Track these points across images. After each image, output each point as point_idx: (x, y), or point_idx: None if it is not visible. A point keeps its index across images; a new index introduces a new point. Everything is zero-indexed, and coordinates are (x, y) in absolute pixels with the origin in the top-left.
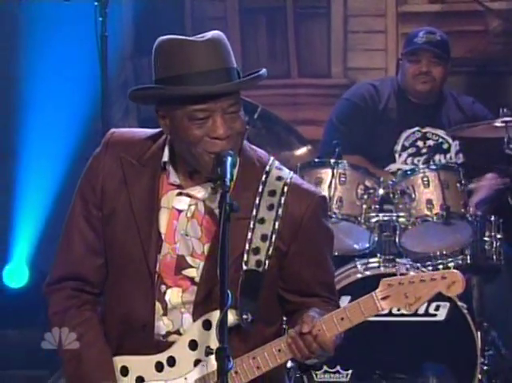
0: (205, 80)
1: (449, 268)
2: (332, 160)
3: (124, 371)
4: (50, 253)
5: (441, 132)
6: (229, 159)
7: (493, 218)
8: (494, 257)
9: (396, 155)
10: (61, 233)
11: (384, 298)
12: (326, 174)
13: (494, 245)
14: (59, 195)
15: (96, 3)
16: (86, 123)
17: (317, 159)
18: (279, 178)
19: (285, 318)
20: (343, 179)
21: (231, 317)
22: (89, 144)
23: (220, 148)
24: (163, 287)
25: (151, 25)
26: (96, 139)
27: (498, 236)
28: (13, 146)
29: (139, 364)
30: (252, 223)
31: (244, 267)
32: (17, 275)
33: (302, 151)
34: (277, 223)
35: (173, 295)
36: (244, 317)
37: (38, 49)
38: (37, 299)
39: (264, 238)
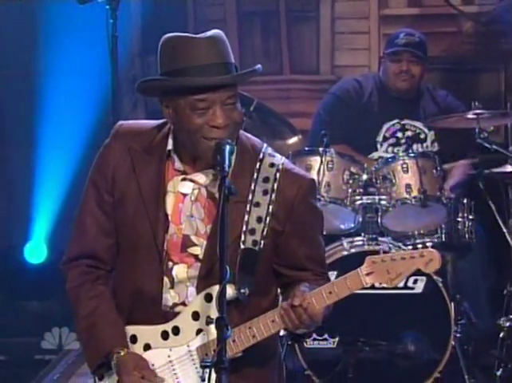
0: (205, 73)
1: (426, 246)
2: (321, 149)
3: (133, 339)
4: (66, 232)
5: (418, 124)
6: (227, 147)
7: (465, 200)
8: (467, 236)
9: (378, 145)
10: (75, 216)
11: (368, 274)
12: (315, 161)
13: (467, 225)
14: (74, 180)
15: (107, 6)
16: (98, 115)
17: (307, 148)
18: (272, 165)
19: (279, 291)
20: (330, 165)
21: (230, 291)
22: (101, 134)
23: (218, 136)
24: (170, 263)
25: (157, 26)
26: (107, 129)
27: (470, 217)
28: (33, 136)
29: (147, 332)
30: (248, 206)
31: (242, 246)
32: (37, 252)
33: (294, 140)
34: (271, 207)
35: (179, 271)
36: (242, 291)
37: (56, 48)
38: (54, 274)
39: (259, 220)
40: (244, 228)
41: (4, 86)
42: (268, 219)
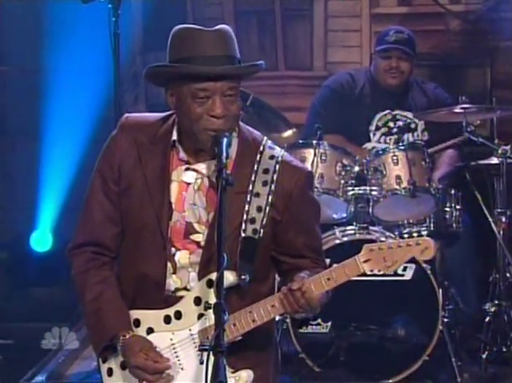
0: (209, 63)
1: (422, 235)
2: (315, 141)
3: (137, 323)
4: (71, 222)
5: (409, 114)
6: (224, 139)
7: (453, 191)
8: (454, 225)
9: (371, 135)
10: (83, 205)
11: (365, 261)
12: (309, 153)
13: (454, 215)
14: (77, 172)
15: (109, 5)
16: (101, 109)
17: (301, 141)
18: (271, 157)
19: (279, 279)
20: (324, 157)
21: (231, 277)
22: (104, 126)
23: (217, 126)
24: (173, 250)
25: (158, 24)
26: (110, 123)
27: (458, 207)
28: (39, 129)
29: (150, 317)
30: (249, 196)
31: (242, 235)
32: (43, 241)
33: (288, 133)
34: (270, 197)
35: (182, 257)
36: (242, 277)
37: (60, 45)
38: (59, 262)
39: (259, 209)
40: (245, 217)
41: (10, 82)
42: (267, 208)
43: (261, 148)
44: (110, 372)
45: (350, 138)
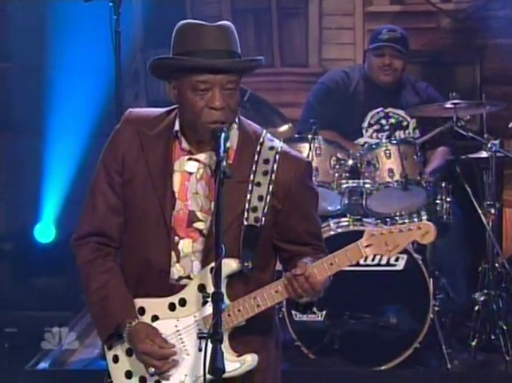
0: (209, 57)
1: (422, 219)
2: (310, 136)
3: (141, 311)
4: (73, 214)
5: (401, 112)
6: (222, 134)
7: (444, 184)
8: (445, 216)
9: (364, 131)
10: (87, 196)
11: (367, 246)
12: (305, 147)
13: (445, 207)
14: (80, 165)
15: (111, 4)
16: (102, 105)
17: (296, 135)
18: (271, 148)
19: (282, 267)
20: (318, 151)
21: (234, 264)
22: (105, 122)
23: (216, 118)
24: (177, 238)
25: (158, 22)
26: (111, 118)
27: (448, 199)
28: (43, 124)
29: (155, 305)
30: (250, 186)
31: (245, 223)
32: (46, 232)
33: (284, 128)
34: (271, 186)
35: (185, 245)
36: (245, 264)
37: (63, 43)
38: (62, 252)
39: (260, 198)
40: (246, 206)
41: (15, 79)
42: (268, 197)
43: (261, 139)
44: (116, 358)
45: (343, 134)
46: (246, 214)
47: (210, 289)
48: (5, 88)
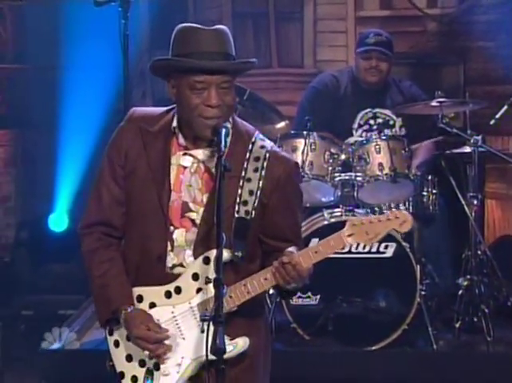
0: (206, 58)
1: (399, 209)
2: (305, 132)
3: (139, 298)
4: (85, 205)
5: (388, 112)
6: (223, 130)
7: (430, 177)
8: (431, 207)
9: (354, 131)
10: (91, 188)
11: (349, 235)
12: (300, 143)
13: (431, 198)
14: (91, 159)
15: (119, 9)
16: (112, 103)
17: (293, 132)
18: (262, 147)
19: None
20: (313, 147)
21: (226, 254)
22: (114, 118)
23: (212, 114)
24: (172, 228)
25: (163, 26)
26: (119, 115)
27: (434, 191)
28: (56, 121)
29: (152, 293)
30: (241, 181)
31: (236, 215)
32: (60, 222)
33: (281, 125)
34: (260, 182)
35: (178, 235)
36: (236, 254)
37: (75, 45)
38: (74, 240)
39: (251, 193)
40: (238, 200)
41: (31, 79)
42: (258, 192)
43: (253, 139)
44: (117, 343)
45: (334, 134)
46: (237, 207)
47: (203, 277)
48: (22, 88)
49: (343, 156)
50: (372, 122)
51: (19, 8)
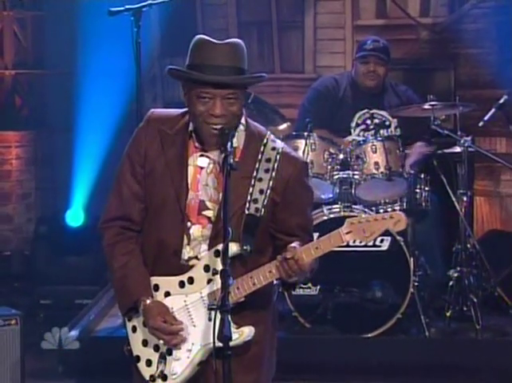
0: (214, 72)
1: (395, 210)
2: (306, 133)
3: (156, 288)
4: (100, 201)
5: (384, 113)
6: (228, 132)
7: (422, 175)
8: (423, 204)
9: (352, 130)
10: (112, 185)
11: (347, 233)
12: (301, 143)
13: (423, 195)
14: (106, 158)
15: (132, 18)
16: (125, 106)
17: (294, 133)
18: (273, 148)
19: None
20: (313, 147)
21: (235, 247)
22: (127, 120)
23: (215, 122)
24: (189, 224)
25: (172, 34)
26: (132, 117)
27: (426, 188)
28: (73, 122)
29: (167, 282)
30: (253, 181)
31: (246, 212)
32: (76, 217)
33: (283, 126)
34: (271, 182)
35: (195, 230)
36: (244, 248)
37: (91, 52)
38: (90, 235)
39: (261, 192)
40: (249, 198)
41: (50, 83)
42: (268, 191)
43: (265, 140)
44: (134, 329)
45: (333, 132)
46: (247, 205)
47: (214, 269)
48: (41, 92)
49: (341, 156)
50: (369, 122)
51: (39, 18)
